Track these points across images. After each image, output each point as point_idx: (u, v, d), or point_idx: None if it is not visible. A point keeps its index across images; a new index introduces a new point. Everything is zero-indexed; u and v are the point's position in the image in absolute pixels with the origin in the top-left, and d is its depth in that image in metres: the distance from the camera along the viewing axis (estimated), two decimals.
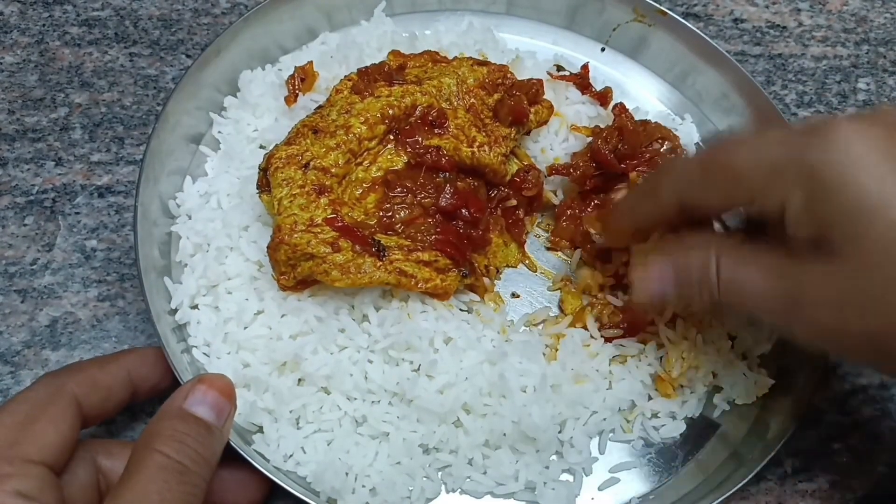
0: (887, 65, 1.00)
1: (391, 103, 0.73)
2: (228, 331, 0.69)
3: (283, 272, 0.69)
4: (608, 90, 0.87)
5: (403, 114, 0.74)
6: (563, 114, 0.84)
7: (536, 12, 0.93)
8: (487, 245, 0.77)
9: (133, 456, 0.53)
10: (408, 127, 0.74)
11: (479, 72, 0.79)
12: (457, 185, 0.74)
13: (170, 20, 0.95)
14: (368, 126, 0.72)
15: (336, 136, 0.71)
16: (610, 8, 0.91)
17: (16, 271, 0.79)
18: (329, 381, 0.68)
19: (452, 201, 0.73)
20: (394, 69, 0.77)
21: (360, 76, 0.76)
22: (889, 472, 0.75)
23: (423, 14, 0.92)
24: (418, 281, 0.69)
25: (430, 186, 0.73)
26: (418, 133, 0.74)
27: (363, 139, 0.72)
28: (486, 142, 0.76)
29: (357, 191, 0.72)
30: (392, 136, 0.74)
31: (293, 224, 0.68)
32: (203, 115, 0.81)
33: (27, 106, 0.88)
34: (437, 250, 0.71)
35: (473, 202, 0.74)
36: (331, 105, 0.74)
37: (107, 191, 0.84)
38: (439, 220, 0.73)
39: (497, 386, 0.69)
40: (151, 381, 0.66)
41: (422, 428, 0.68)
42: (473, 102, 0.77)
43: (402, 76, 0.77)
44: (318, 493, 0.65)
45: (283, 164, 0.70)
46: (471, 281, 0.73)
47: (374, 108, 0.73)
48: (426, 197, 0.73)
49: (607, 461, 0.72)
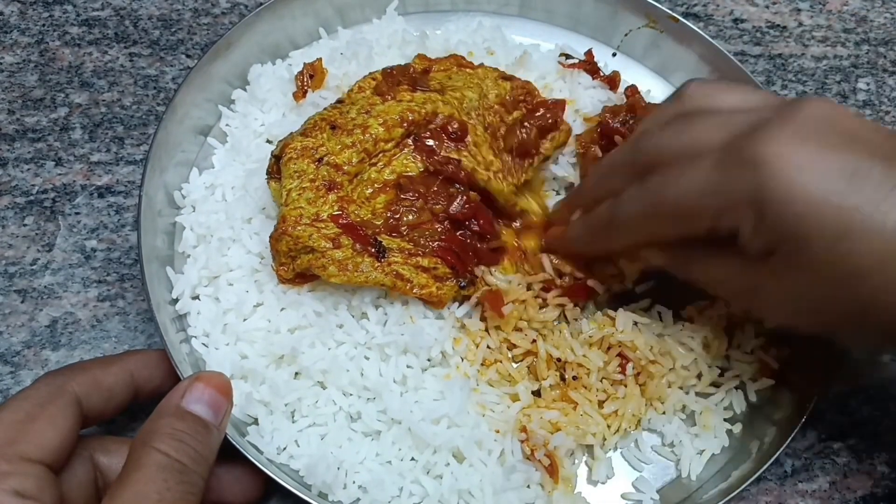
0: (887, 65, 1.00)
1: (412, 108, 0.72)
2: (228, 322, 0.69)
3: (282, 263, 0.69)
4: (616, 74, 0.87)
5: (423, 120, 0.73)
6: (573, 100, 0.84)
7: (548, 14, 0.93)
8: (495, 264, 0.75)
9: (131, 454, 0.53)
10: (427, 134, 0.73)
11: (503, 87, 0.78)
12: (469, 194, 0.73)
13: (170, 20, 0.95)
14: (386, 128, 0.71)
15: (353, 135, 0.71)
16: (622, 12, 0.91)
17: (16, 271, 0.79)
18: (325, 375, 0.68)
19: (464, 210, 0.72)
20: (419, 72, 0.77)
21: (383, 77, 0.75)
22: (889, 473, 0.75)
23: (436, 14, 0.93)
24: (414, 286, 0.69)
25: (443, 195, 0.73)
26: (437, 141, 0.73)
27: (379, 140, 0.71)
28: (500, 169, 0.75)
29: (368, 190, 0.72)
30: (410, 142, 0.73)
31: (298, 217, 0.68)
32: (212, 108, 0.81)
33: (27, 106, 0.88)
34: (438, 257, 0.70)
35: (483, 215, 0.74)
36: (351, 102, 0.74)
37: (107, 191, 0.84)
38: (446, 227, 0.72)
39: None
40: (154, 382, 0.65)
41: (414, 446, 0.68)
42: (492, 121, 0.76)
43: (426, 81, 0.76)
44: (310, 487, 0.65)
45: (298, 156, 0.70)
46: (470, 292, 0.73)
47: (394, 112, 0.72)
48: (437, 204, 0.72)
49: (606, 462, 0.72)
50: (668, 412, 0.73)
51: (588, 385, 0.71)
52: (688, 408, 0.73)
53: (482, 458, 0.67)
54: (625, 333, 0.72)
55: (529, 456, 0.68)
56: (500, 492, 0.66)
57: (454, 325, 0.72)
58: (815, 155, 0.53)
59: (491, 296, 0.72)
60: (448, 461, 0.67)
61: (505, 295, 0.72)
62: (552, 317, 0.73)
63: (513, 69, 0.84)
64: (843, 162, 0.52)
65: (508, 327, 0.73)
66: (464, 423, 0.68)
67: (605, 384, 0.72)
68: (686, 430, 0.73)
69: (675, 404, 0.73)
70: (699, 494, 0.70)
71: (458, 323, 0.73)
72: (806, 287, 0.57)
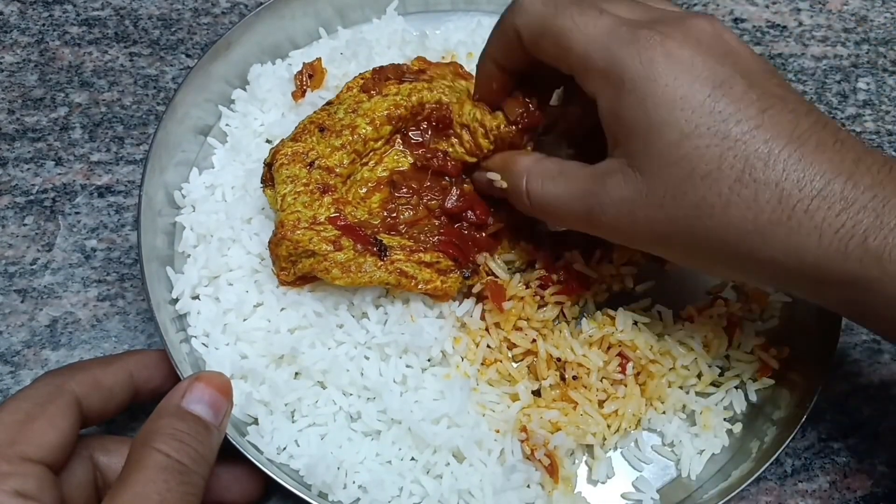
0: (887, 65, 1.00)
1: (398, 102, 0.72)
2: (228, 322, 0.69)
3: (283, 268, 0.69)
4: None
5: (410, 114, 0.73)
6: None
7: None
8: (495, 248, 0.75)
9: (131, 454, 0.53)
10: (414, 127, 0.73)
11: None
12: (463, 187, 0.74)
13: (170, 20, 0.95)
14: (374, 127, 0.71)
15: (342, 136, 0.71)
16: None
17: (16, 271, 0.79)
18: (325, 375, 0.68)
19: (458, 203, 0.73)
20: (413, 72, 0.76)
21: (373, 74, 0.75)
22: (889, 472, 0.75)
23: (436, 14, 0.92)
24: (419, 282, 0.69)
25: (436, 189, 0.73)
26: (423, 134, 0.73)
27: (368, 140, 0.72)
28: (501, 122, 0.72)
29: (362, 190, 0.72)
30: (399, 137, 0.73)
31: (296, 221, 0.68)
32: (212, 108, 0.81)
33: (27, 106, 0.88)
34: (439, 251, 0.71)
35: (479, 205, 0.74)
36: (339, 102, 0.74)
37: (107, 191, 0.84)
38: (444, 221, 0.73)
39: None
40: (153, 383, 0.65)
41: (414, 446, 0.68)
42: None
43: (415, 74, 0.76)
44: (310, 487, 0.65)
45: (288, 161, 0.70)
46: (473, 282, 0.73)
47: (381, 108, 0.72)
48: (432, 199, 0.72)
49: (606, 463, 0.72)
50: (668, 412, 0.73)
51: (588, 385, 0.71)
52: (688, 407, 0.73)
53: (482, 457, 0.67)
54: (625, 333, 0.72)
55: (529, 456, 0.68)
56: (500, 491, 0.66)
57: (454, 325, 0.72)
58: (691, 57, 0.56)
59: (494, 287, 0.72)
60: (448, 461, 0.67)
61: (506, 285, 0.72)
62: (552, 315, 0.73)
63: None
64: (712, 70, 0.55)
65: (508, 326, 0.73)
66: (464, 423, 0.68)
67: (605, 384, 0.72)
68: (686, 430, 0.73)
69: (675, 404, 0.73)
70: (699, 494, 0.70)
71: (458, 322, 0.73)
72: (644, 192, 0.57)
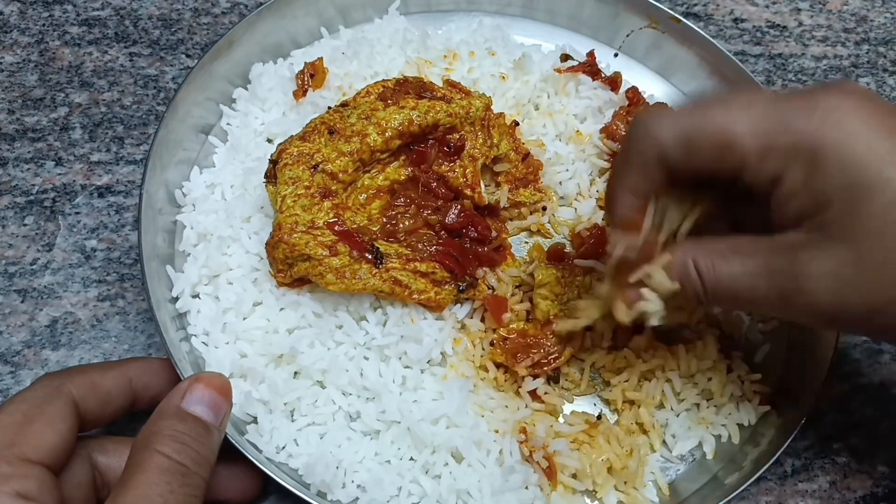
0: (887, 65, 1.00)
1: (412, 119, 0.72)
2: (227, 321, 0.69)
3: (280, 270, 0.69)
4: (617, 75, 0.87)
5: (421, 131, 0.73)
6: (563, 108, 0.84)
7: (550, 15, 0.94)
8: (498, 263, 0.75)
9: (132, 456, 0.53)
10: (423, 146, 0.74)
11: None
12: (463, 202, 0.74)
13: (170, 20, 0.95)
14: (384, 139, 0.71)
15: (351, 143, 0.71)
16: (624, 13, 0.91)
17: (16, 271, 0.79)
18: (325, 375, 0.68)
19: (459, 220, 0.73)
20: (435, 89, 0.76)
21: (395, 84, 0.75)
22: (889, 472, 0.75)
23: (438, 13, 0.93)
24: (412, 292, 0.69)
25: (430, 201, 0.73)
26: (430, 154, 0.74)
27: (376, 150, 0.71)
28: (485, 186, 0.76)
29: (362, 196, 0.72)
30: (405, 152, 0.74)
31: (294, 224, 0.68)
32: (213, 106, 0.81)
33: (27, 106, 0.88)
34: (436, 262, 0.71)
35: (479, 221, 0.74)
36: (354, 107, 0.73)
37: (107, 191, 0.84)
38: (444, 233, 0.73)
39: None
40: (153, 390, 0.65)
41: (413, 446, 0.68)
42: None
43: (435, 88, 0.76)
44: (309, 486, 0.65)
45: (293, 162, 0.70)
46: (469, 295, 0.73)
47: (394, 120, 0.71)
48: (431, 214, 0.73)
49: None
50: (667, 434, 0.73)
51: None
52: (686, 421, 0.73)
53: (481, 458, 0.67)
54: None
55: (528, 458, 0.68)
56: (498, 492, 0.66)
57: (454, 326, 0.72)
58: (875, 111, 0.50)
59: (493, 301, 0.72)
60: (447, 461, 0.67)
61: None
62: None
63: (512, 71, 0.85)
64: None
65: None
66: (463, 424, 0.68)
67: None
68: (685, 433, 0.73)
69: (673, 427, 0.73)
70: (699, 495, 0.70)
71: (458, 324, 0.73)
72: (854, 261, 0.50)
